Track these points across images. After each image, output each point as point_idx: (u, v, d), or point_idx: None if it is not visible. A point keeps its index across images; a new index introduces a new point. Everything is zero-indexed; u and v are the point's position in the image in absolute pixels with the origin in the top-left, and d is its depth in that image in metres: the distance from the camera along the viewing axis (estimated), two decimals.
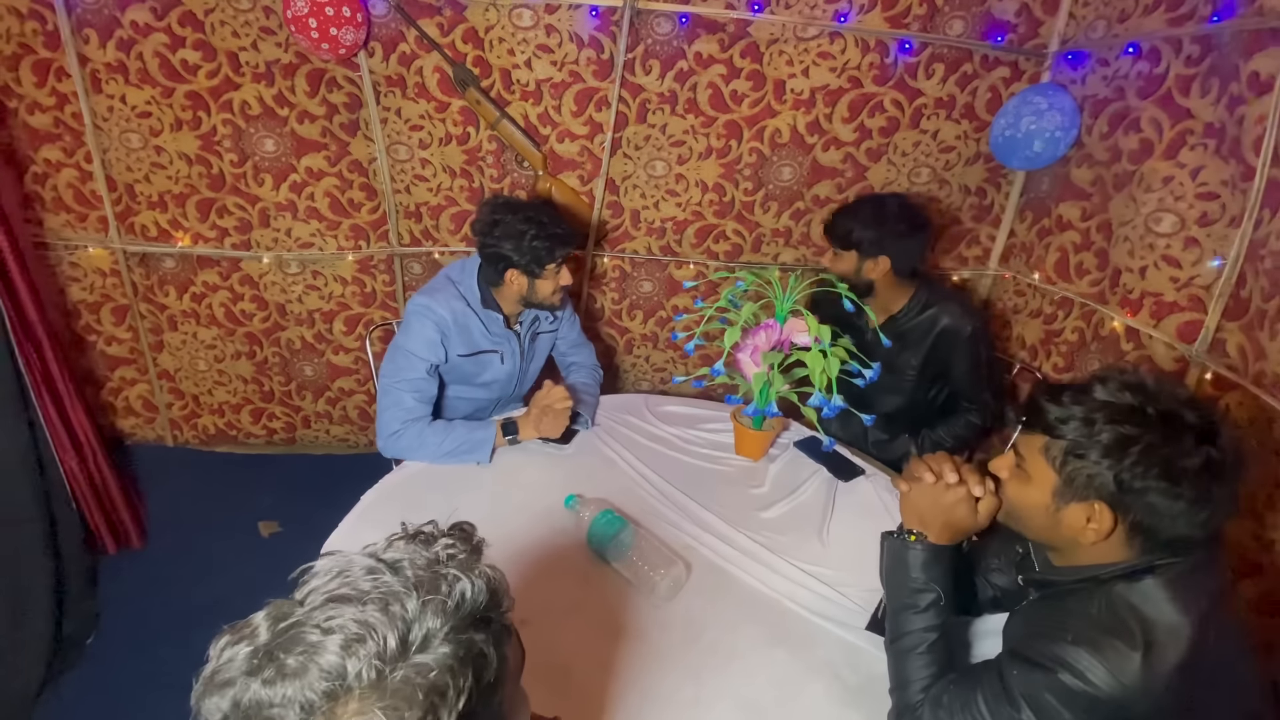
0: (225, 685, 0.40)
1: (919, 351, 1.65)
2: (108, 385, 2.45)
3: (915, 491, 0.90)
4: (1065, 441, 0.76)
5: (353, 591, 0.44)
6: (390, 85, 1.98)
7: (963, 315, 1.61)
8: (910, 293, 1.65)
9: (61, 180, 2.08)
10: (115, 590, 1.94)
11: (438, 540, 0.51)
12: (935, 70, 1.91)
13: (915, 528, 0.90)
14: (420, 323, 1.39)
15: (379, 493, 1.28)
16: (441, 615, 0.45)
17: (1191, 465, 0.69)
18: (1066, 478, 0.76)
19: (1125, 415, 0.72)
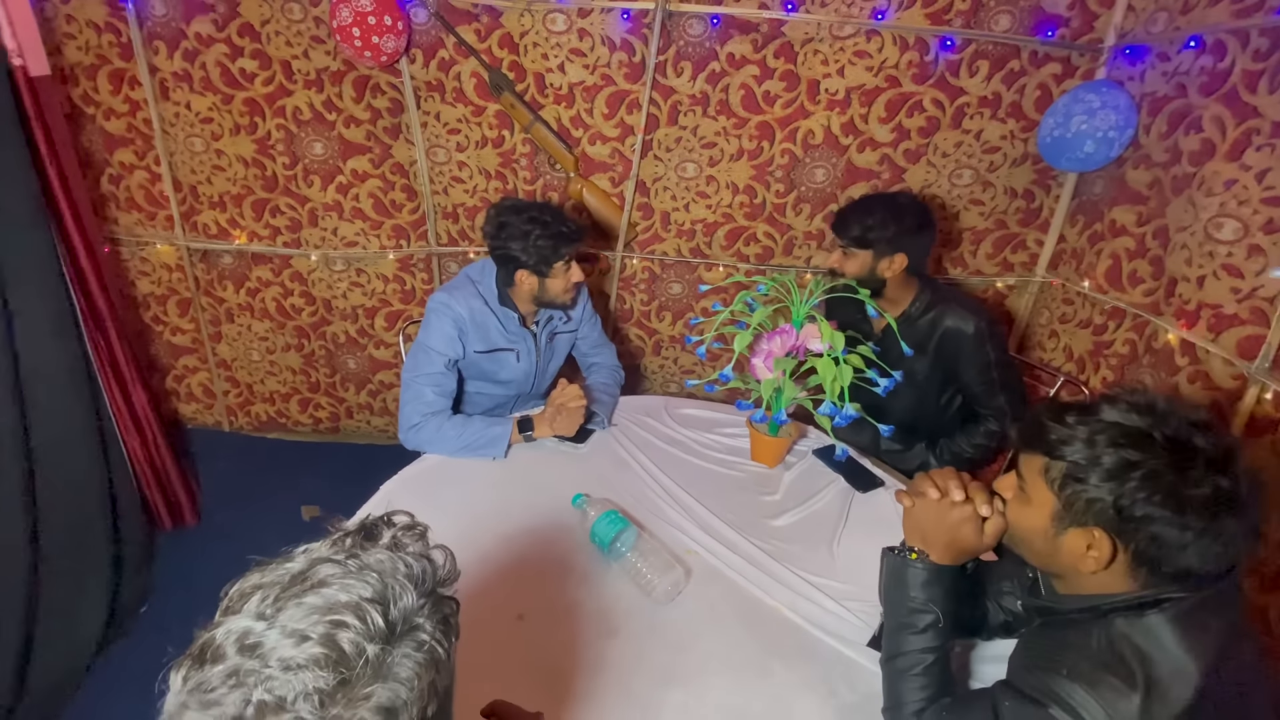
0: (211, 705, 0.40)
1: (926, 355, 1.58)
2: (172, 372, 2.62)
3: (919, 508, 0.87)
4: (1065, 464, 0.71)
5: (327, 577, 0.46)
6: (430, 90, 2.05)
7: (965, 314, 1.53)
8: (914, 292, 1.60)
9: (134, 181, 2.25)
10: (169, 564, 2.08)
11: (395, 518, 0.53)
12: (979, 68, 1.83)
13: (917, 545, 0.87)
14: (439, 319, 1.43)
15: (398, 483, 1.33)
16: (416, 592, 0.46)
17: (1199, 495, 0.64)
18: (1065, 501, 0.72)
19: (1130, 438, 0.67)
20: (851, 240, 1.54)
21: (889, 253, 1.51)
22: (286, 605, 0.43)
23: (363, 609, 0.43)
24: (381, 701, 0.42)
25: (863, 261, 1.54)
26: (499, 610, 1.03)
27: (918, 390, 1.63)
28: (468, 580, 1.09)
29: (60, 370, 1.67)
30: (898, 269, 1.53)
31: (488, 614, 1.02)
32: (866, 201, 1.57)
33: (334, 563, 0.47)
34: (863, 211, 1.53)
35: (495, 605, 1.04)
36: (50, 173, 1.67)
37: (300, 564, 0.47)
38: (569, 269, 1.45)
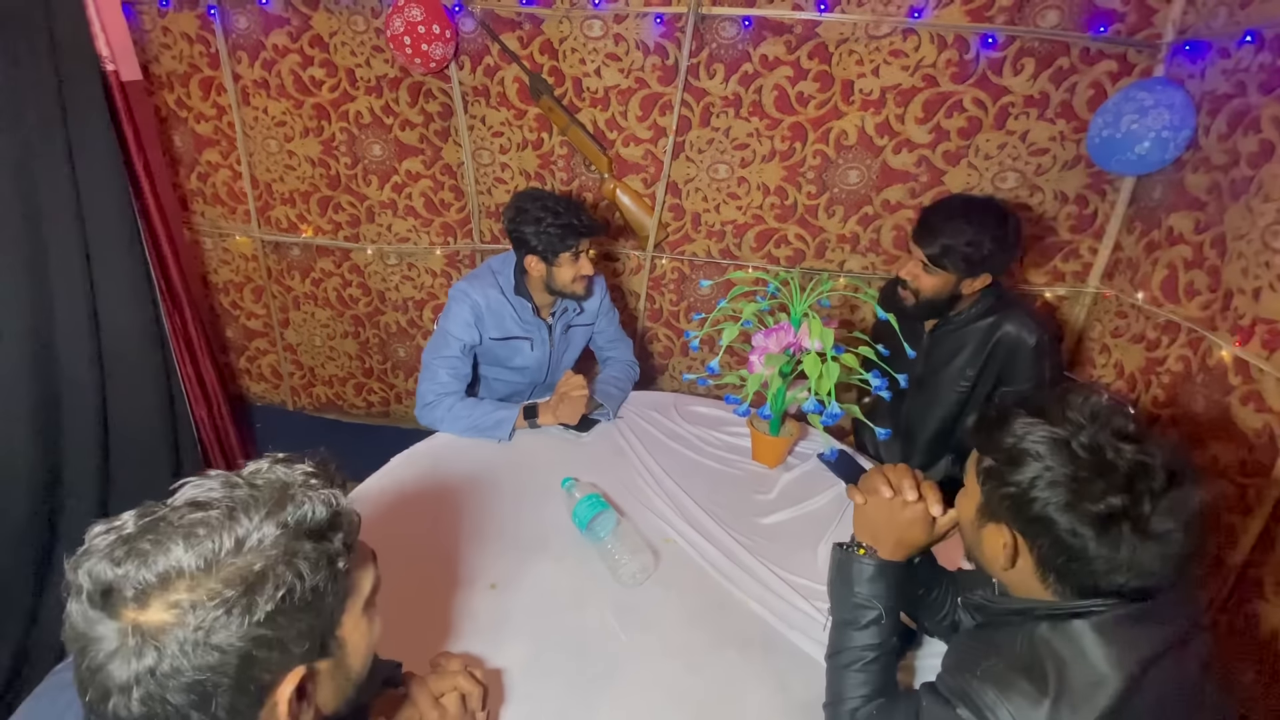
0: (85, 558, 0.50)
1: (975, 360, 1.48)
2: (245, 353, 2.88)
3: (870, 505, 0.85)
4: (989, 459, 0.69)
5: (209, 498, 0.53)
6: (476, 95, 2.16)
7: (1029, 324, 1.43)
8: (976, 295, 1.49)
9: (219, 179, 2.49)
10: None
11: (298, 466, 0.59)
12: (1024, 66, 1.75)
13: (867, 542, 0.85)
14: (458, 306, 1.52)
15: (407, 457, 1.42)
16: (277, 525, 0.52)
17: (1093, 510, 0.61)
18: (986, 495, 0.70)
19: (1048, 443, 0.65)
20: (939, 259, 1.35)
21: (976, 273, 1.37)
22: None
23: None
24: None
25: (944, 281, 1.39)
26: (474, 578, 1.08)
27: (961, 393, 1.52)
28: (450, 548, 1.16)
29: (137, 338, 1.89)
30: (979, 286, 1.42)
31: (463, 580, 1.08)
32: (957, 213, 1.35)
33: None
34: (954, 228, 1.33)
35: (471, 573, 1.09)
36: (138, 167, 1.89)
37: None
38: (578, 260, 1.49)
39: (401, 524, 1.21)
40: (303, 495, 0.56)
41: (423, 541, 1.16)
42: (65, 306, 1.72)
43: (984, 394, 1.52)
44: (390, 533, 1.18)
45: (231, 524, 0.51)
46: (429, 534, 1.18)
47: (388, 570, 1.10)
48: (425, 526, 1.20)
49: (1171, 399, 1.62)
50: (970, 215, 1.35)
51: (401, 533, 1.19)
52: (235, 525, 0.51)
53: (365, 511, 1.22)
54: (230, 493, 0.54)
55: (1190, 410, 1.54)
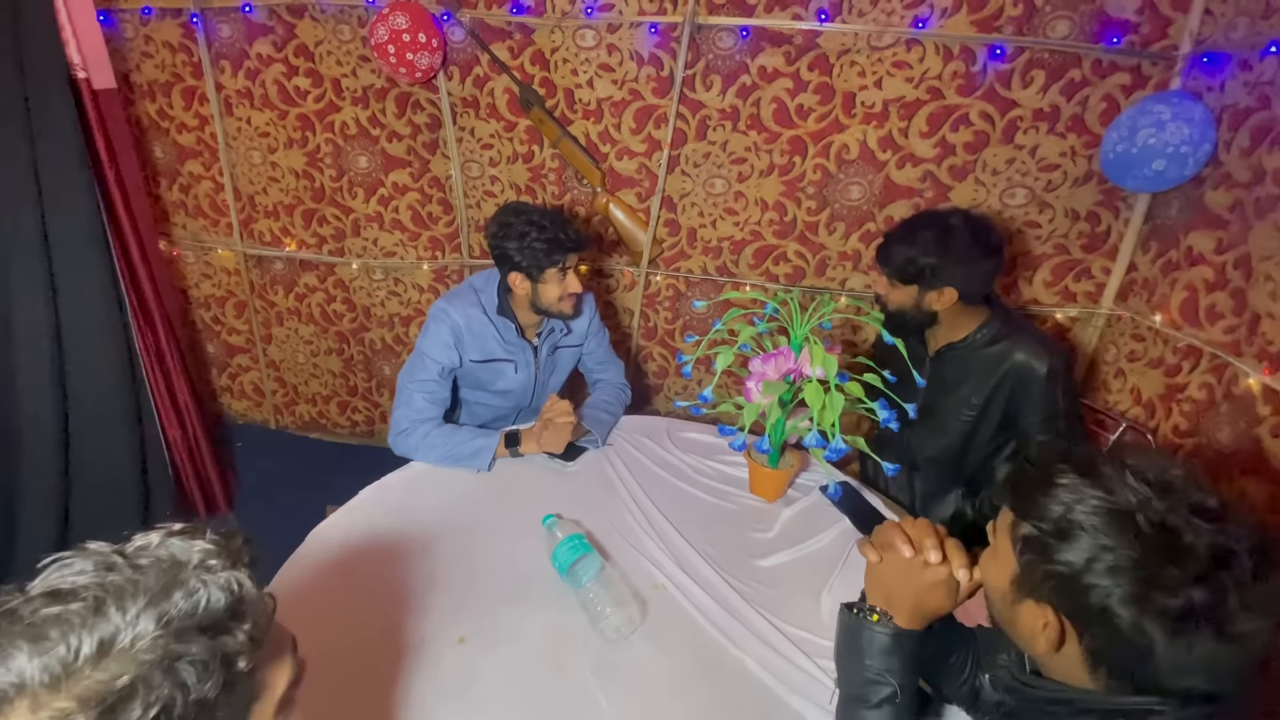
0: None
1: (981, 389, 1.40)
2: (227, 370, 2.78)
3: (887, 565, 0.75)
4: (1029, 526, 0.59)
5: (74, 585, 0.43)
6: (465, 106, 2.09)
7: (1040, 351, 1.34)
8: (981, 320, 1.41)
9: (201, 190, 2.42)
10: None
11: (197, 541, 0.49)
12: (1034, 78, 1.68)
13: (880, 605, 0.75)
14: (436, 326, 1.43)
15: (377, 490, 1.32)
16: (157, 619, 0.42)
17: (1168, 604, 0.52)
18: (1024, 567, 0.60)
19: (1109, 516, 0.55)
20: (893, 272, 1.37)
21: (935, 286, 1.33)
22: None
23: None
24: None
25: (907, 295, 1.37)
26: (441, 630, 0.98)
27: (968, 423, 1.44)
28: (418, 595, 1.06)
29: (104, 357, 1.79)
30: (948, 302, 1.35)
31: (430, 633, 0.98)
32: (911, 227, 1.37)
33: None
34: (905, 241, 1.34)
35: (438, 624, 0.99)
36: (109, 178, 1.81)
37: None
38: (564, 277, 1.41)
39: (366, 567, 1.11)
40: (197, 579, 0.46)
41: (388, 587, 1.06)
42: (26, 324, 1.64)
43: (993, 424, 1.42)
44: (353, 578, 1.08)
45: (97, 620, 0.42)
46: (396, 578, 1.08)
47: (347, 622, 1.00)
48: (392, 570, 1.10)
49: (1194, 428, 1.53)
50: (914, 230, 1.35)
51: (365, 577, 1.08)
52: (102, 622, 0.42)
53: (328, 553, 1.13)
54: (103, 577, 0.44)
55: (1215, 440, 1.45)
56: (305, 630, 0.57)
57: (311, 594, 1.05)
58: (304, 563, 1.11)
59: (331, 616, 1.01)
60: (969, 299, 1.38)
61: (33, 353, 1.64)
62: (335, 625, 0.99)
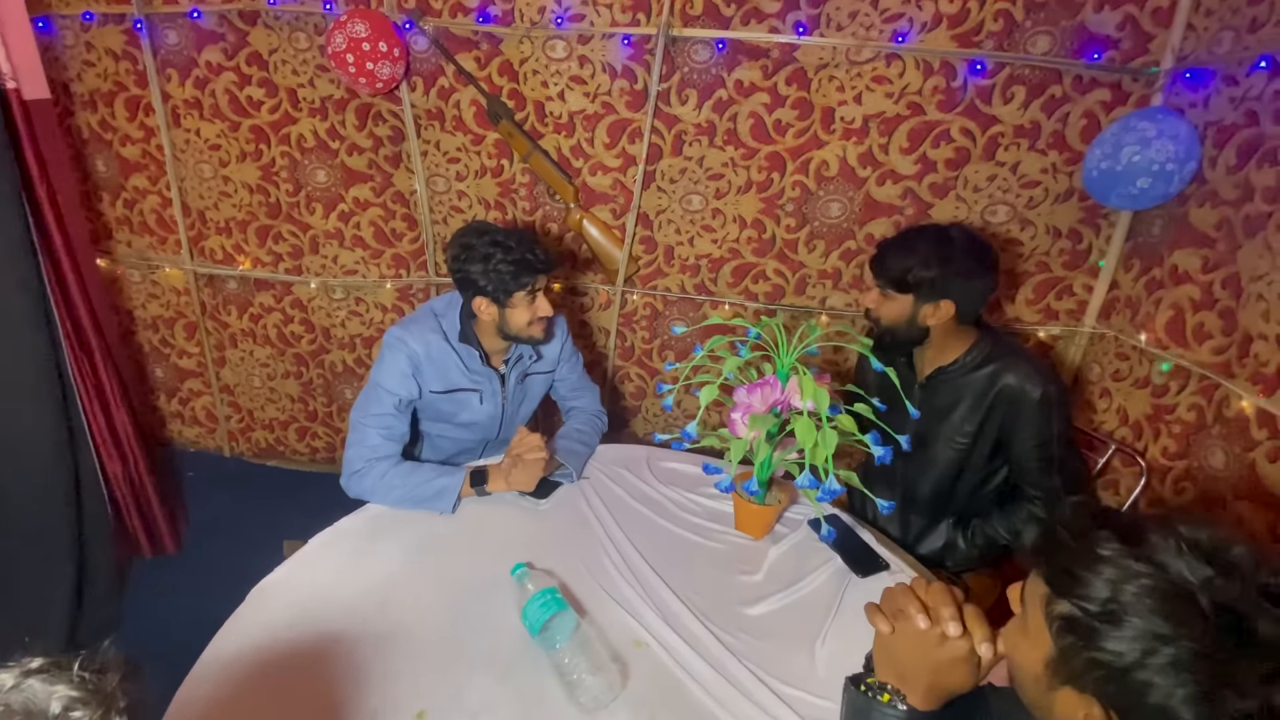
0: None
1: (973, 415, 1.34)
2: (177, 395, 2.62)
3: (900, 637, 0.67)
4: (1070, 604, 0.52)
5: None
6: (430, 119, 1.99)
7: (1033, 375, 1.28)
8: (970, 342, 1.35)
9: (146, 206, 2.27)
10: (143, 593, 2.01)
11: (59, 686, 0.39)
12: (1014, 94, 1.65)
13: (890, 681, 0.67)
14: (392, 355, 1.32)
15: (329, 536, 1.20)
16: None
17: (1244, 708, 0.44)
18: (1062, 651, 0.53)
19: (1166, 599, 0.48)
20: (890, 282, 1.30)
21: (932, 298, 1.27)
22: None
23: None
24: None
25: (901, 307, 1.30)
26: (398, 704, 0.88)
27: (959, 452, 1.38)
28: (366, 665, 0.95)
29: (31, 390, 1.64)
30: (943, 317, 1.29)
31: (384, 707, 0.87)
32: (908, 237, 1.31)
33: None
34: (904, 249, 1.28)
35: (396, 697, 0.88)
36: (41, 196, 1.67)
37: None
38: (534, 300, 1.31)
39: (312, 630, 0.99)
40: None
41: (338, 654, 0.95)
42: None
43: (985, 451, 1.36)
44: (297, 644, 0.97)
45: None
46: (346, 643, 0.97)
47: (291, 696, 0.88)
48: (342, 632, 0.98)
49: (1184, 450, 1.50)
50: (918, 240, 1.29)
51: (311, 642, 0.97)
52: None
53: (270, 613, 1.01)
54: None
55: (1208, 465, 1.42)
56: (242, 709, 0.47)
57: (249, 663, 0.93)
58: (241, 626, 1.00)
59: (272, 689, 0.89)
60: (964, 316, 1.31)
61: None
62: (277, 700, 0.88)
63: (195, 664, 0.92)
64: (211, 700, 0.87)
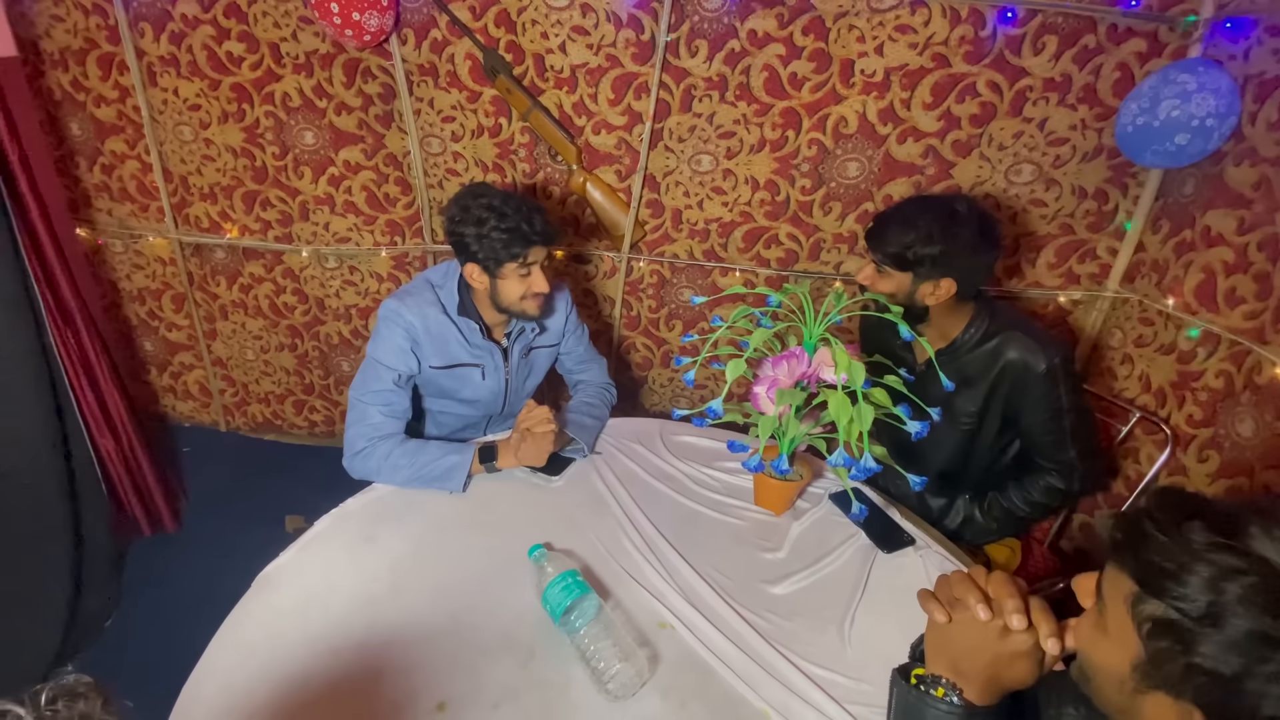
0: None
1: (977, 392, 1.29)
2: (169, 369, 2.54)
3: (957, 627, 0.62)
4: (1164, 605, 0.48)
5: None
6: (423, 74, 1.88)
7: (1035, 346, 1.23)
8: (968, 316, 1.30)
9: (125, 171, 2.15)
10: (141, 572, 1.97)
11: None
12: (1046, 44, 1.55)
13: (944, 673, 0.63)
14: (389, 329, 1.25)
15: (334, 520, 1.15)
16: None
17: None
18: (1154, 655, 0.48)
19: (1277, 598, 0.43)
20: (887, 258, 1.23)
21: (933, 276, 1.21)
22: None
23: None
24: None
25: (899, 283, 1.24)
26: (416, 696, 0.84)
27: (966, 433, 1.35)
28: (380, 654, 0.91)
29: (15, 368, 1.57)
30: (943, 295, 1.23)
31: (402, 700, 0.83)
32: (909, 209, 1.24)
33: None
34: (903, 223, 1.21)
35: (413, 689, 0.85)
36: (12, 159, 1.57)
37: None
38: (528, 274, 1.24)
39: (322, 618, 0.95)
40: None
41: (350, 644, 0.91)
42: None
43: (994, 428, 1.33)
44: (308, 634, 0.93)
45: None
46: (359, 632, 0.93)
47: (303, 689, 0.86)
48: (355, 621, 0.94)
49: (1210, 418, 1.46)
50: (918, 213, 1.21)
51: (322, 632, 0.93)
52: None
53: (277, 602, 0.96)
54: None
55: (1235, 433, 1.38)
56: (255, 705, 0.42)
57: (259, 656, 0.89)
58: (248, 615, 0.95)
59: (284, 683, 0.86)
60: (964, 294, 1.26)
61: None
62: (290, 695, 0.84)
63: (201, 657, 0.88)
64: (221, 695, 0.83)
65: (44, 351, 1.65)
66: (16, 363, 1.57)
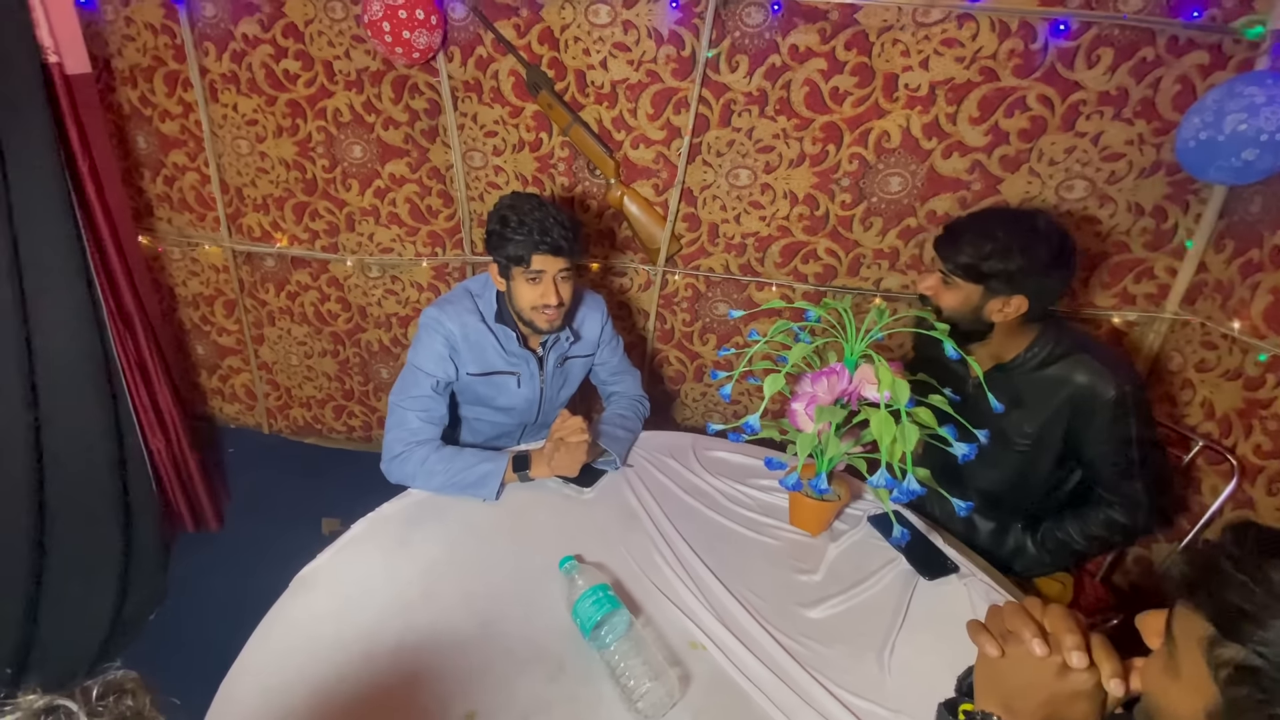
0: None
1: (1037, 415, 1.23)
2: (218, 372, 2.64)
3: (1011, 663, 0.59)
4: (1245, 650, 0.44)
5: None
6: (467, 90, 1.93)
7: (1107, 373, 1.17)
8: (1031, 337, 1.23)
9: (185, 183, 2.26)
10: (187, 569, 2.03)
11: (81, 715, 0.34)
12: (1101, 57, 1.51)
13: (995, 712, 0.60)
14: (429, 336, 1.27)
15: (371, 523, 1.17)
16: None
17: None
18: (1232, 703, 0.45)
19: None
20: (959, 268, 1.16)
21: (1005, 293, 1.15)
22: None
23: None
24: None
25: (966, 296, 1.17)
26: (446, 704, 0.84)
27: (1021, 456, 1.27)
28: (413, 660, 0.91)
29: (78, 368, 1.64)
30: (1011, 314, 1.17)
31: (433, 707, 0.83)
32: (988, 220, 1.17)
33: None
34: (981, 233, 1.14)
35: (444, 696, 0.85)
36: (83, 170, 1.66)
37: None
38: (536, 281, 1.24)
39: (356, 624, 0.95)
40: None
41: (383, 650, 0.91)
42: None
43: (1053, 454, 1.26)
44: (339, 638, 0.93)
45: None
46: (392, 635, 0.93)
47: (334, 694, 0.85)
48: (387, 626, 0.95)
49: None
50: (999, 225, 1.15)
51: (355, 639, 0.93)
52: None
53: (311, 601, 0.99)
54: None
55: None
56: (291, 705, 0.42)
57: (294, 657, 0.90)
58: (284, 617, 0.97)
59: (319, 687, 0.86)
60: (1033, 314, 1.20)
61: (1, 369, 1.49)
62: (324, 699, 0.84)
63: (237, 658, 0.90)
64: (256, 696, 0.84)
65: (104, 353, 1.73)
66: (78, 362, 1.64)
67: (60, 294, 1.60)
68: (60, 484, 1.65)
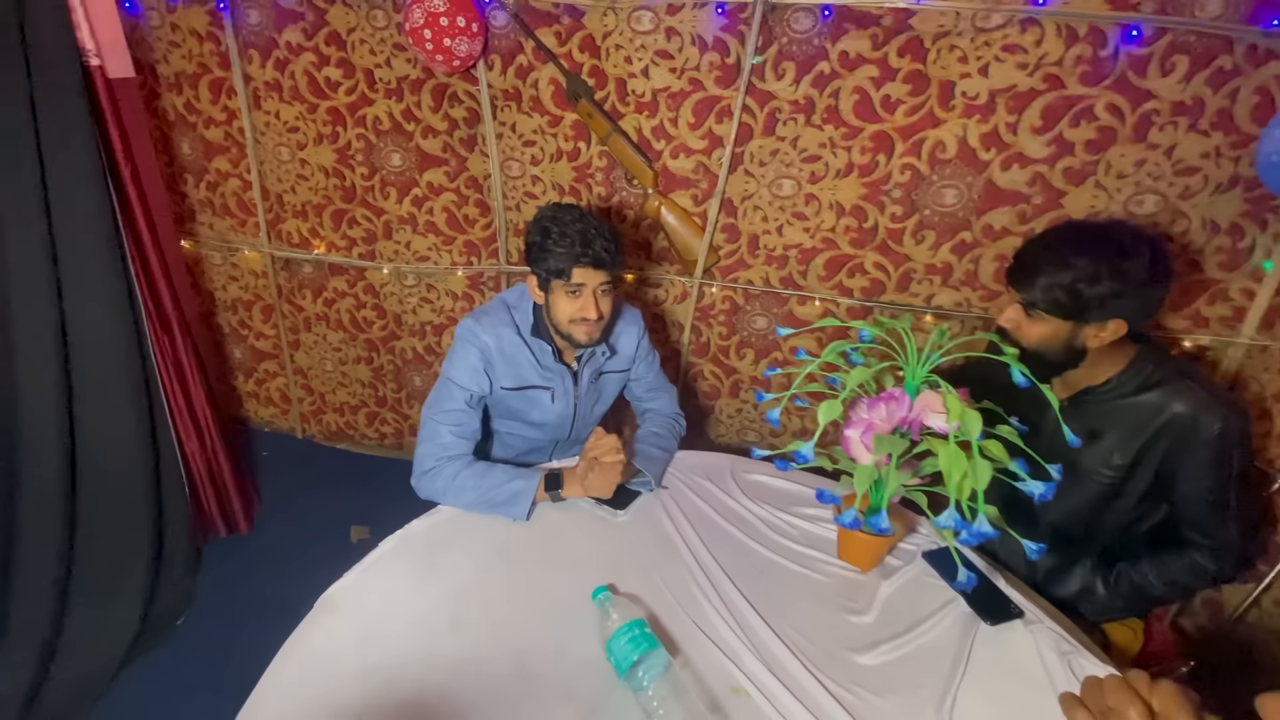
0: None
1: (1128, 446, 1.12)
2: (254, 376, 2.66)
3: None
4: None
5: None
6: (507, 99, 1.91)
7: (1210, 404, 1.05)
8: (1127, 359, 1.12)
9: (228, 188, 2.28)
10: (216, 573, 2.03)
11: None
12: (1175, 65, 1.41)
13: None
14: (464, 348, 1.24)
15: (399, 541, 1.13)
16: None
17: None
18: None
19: None
20: (1048, 303, 1.04)
21: (1100, 319, 1.04)
22: None
23: None
24: None
25: (1054, 329, 1.06)
26: None
27: (1103, 490, 1.16)
28: (441, 691, 0.87)
29: (114, 368, 1.66)
30: (1109, 337, 1.06)
31: None
32: (1061, 243, 1.04)
33: None
34: (1058, 262, 1.02)
35: None
36: (124, 174, 1.67)
37: None
38: (576, 294, 1.21)
39: (380, 652, 0.91)
40: None
41: (408, 678, 0.87)
42: (29, 334, 1.50)
43: (1140, 487, 1.15)
44: (363, 664, 0.89)
45: None
46: (417, 667, 0.89)
47: None
48: (413, 655, 0.90)
49: None
50: (1081, 244, 1.03)
51: (378, 664, 0.89)
52: None
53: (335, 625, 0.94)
54: None
55: None
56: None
57: (316, 683, 0.86)
58: (307, 640, 0.93)
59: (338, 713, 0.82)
60: (1132, 333, 1.09)
61: (36, 366, 1.51)
62: None
63: (259, 682, 0.86)
64: None
65: (141, 354, 1.74)
66: (117, 364, 1.66)
67: (98, 294, 1.62)
68: (93, 483, 1.66)
